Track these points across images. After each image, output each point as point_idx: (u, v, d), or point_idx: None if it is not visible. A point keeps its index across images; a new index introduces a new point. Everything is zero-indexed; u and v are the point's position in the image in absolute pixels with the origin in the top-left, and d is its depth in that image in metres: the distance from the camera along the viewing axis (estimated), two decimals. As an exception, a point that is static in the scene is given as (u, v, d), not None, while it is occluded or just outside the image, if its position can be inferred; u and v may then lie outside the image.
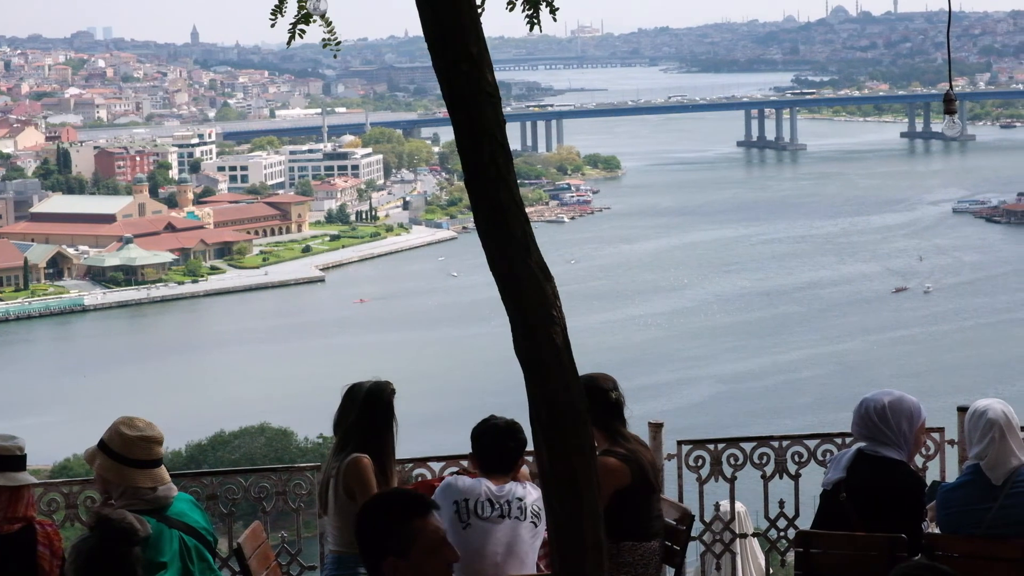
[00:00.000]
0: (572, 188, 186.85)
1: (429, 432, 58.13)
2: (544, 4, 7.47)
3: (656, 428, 9.00)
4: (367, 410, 7.86)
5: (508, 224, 5.81)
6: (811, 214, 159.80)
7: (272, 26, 7.32)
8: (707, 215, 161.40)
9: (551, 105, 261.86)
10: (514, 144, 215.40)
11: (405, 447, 8.37)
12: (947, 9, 8.43)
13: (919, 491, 7.12)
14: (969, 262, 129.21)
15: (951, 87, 8.59)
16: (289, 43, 7.64)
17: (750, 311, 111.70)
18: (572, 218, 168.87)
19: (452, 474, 8.11)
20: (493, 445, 7.62)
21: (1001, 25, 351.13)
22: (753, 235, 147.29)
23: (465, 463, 8.35)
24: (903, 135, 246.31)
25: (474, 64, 5.81)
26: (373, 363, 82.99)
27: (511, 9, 7.54)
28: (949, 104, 8.66)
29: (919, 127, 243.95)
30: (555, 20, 7.68)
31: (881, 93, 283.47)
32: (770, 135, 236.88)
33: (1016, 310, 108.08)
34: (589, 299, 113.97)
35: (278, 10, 7.15)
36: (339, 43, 8.00)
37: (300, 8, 7.19)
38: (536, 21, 7.53)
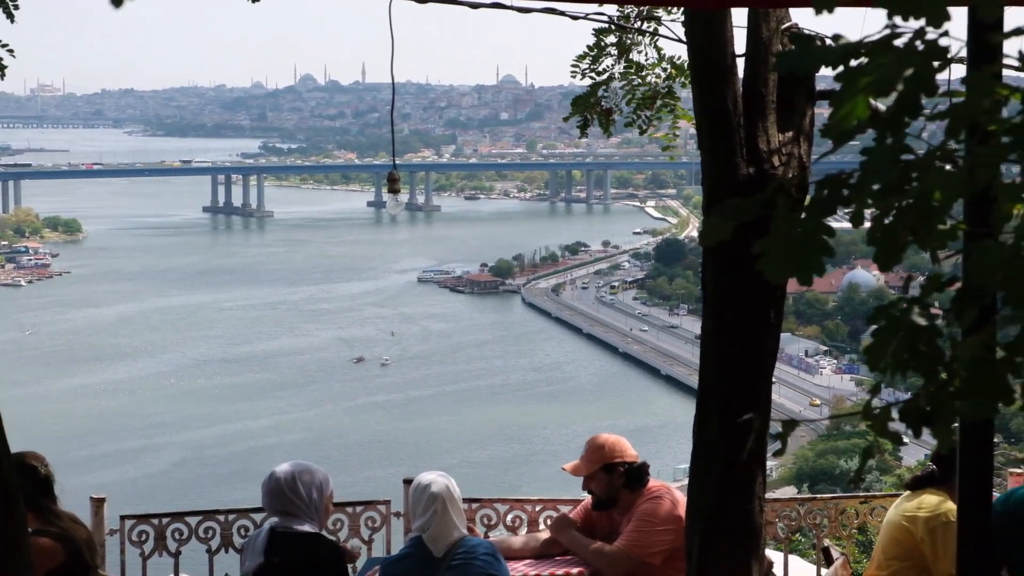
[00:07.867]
0: (30, 251, 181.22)
1: None
2: (-12, 64, 7.28)
3: (98, 503, 8.77)
4: None
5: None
6: (280, 281, 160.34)
7: None
8: (175, 280, 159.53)
9: (14, 166, 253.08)
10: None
11: None
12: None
13: (340, 561, 7.18)
14: (436, 331, 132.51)
15: (395, 167, 8.83)
16: None
17: (219, 376, 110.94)
18: (30, 281, 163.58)
19: None
20: None
21: (466, 99, 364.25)
22: (222, 301, 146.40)
23: None
24: (370, 204, 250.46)
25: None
26: None
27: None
28: (393, 183, 8.90)
29: (385, 196, 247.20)
30: (2, 78, 7.50)
31: (348, 162, 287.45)
32: (237, 201, 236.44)
33: (472, 379, 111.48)
34: (50, 366, 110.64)
35: None
36: None
37: None
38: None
